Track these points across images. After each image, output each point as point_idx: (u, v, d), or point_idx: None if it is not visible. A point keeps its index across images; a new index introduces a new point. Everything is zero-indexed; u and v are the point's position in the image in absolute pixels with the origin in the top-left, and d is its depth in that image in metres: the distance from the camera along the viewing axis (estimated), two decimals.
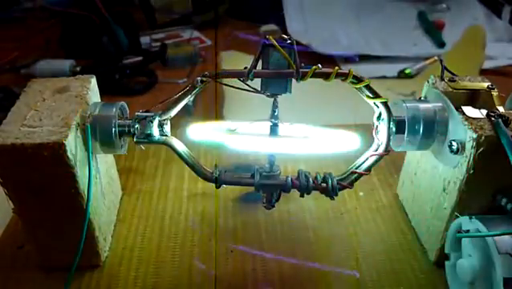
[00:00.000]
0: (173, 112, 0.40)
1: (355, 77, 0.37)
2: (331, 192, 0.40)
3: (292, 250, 0.45)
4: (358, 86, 0.38)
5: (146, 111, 0.40)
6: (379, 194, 0.52)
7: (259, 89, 0.38)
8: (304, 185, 0.40)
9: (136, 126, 0.39)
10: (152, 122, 0.39)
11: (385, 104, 0.39)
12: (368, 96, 0.39)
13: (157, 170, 0.55)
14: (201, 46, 0.89)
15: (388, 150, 0.40)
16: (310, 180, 0.40)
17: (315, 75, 0.37)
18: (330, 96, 0.66)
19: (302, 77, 0.36)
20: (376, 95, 0.39)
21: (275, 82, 0.37)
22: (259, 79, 0.37)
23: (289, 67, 0.36)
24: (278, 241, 0.46)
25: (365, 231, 0.47)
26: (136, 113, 0.40)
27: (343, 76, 0.37)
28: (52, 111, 0.37)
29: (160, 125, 0.40)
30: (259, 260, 0.43)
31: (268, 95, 0.38)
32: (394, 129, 0.40)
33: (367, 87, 0.38)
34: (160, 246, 0.45)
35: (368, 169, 0.41)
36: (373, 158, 0.41)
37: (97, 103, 0.41)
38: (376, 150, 0.41)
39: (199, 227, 0.47)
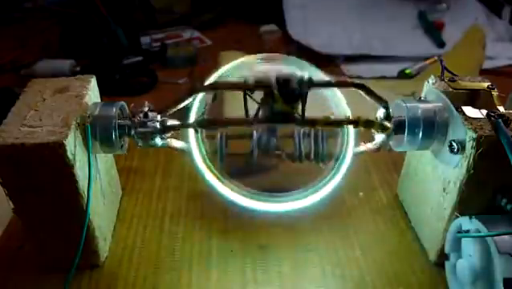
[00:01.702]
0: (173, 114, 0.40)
1: (381, 125, 0.37)
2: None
3: (292, 250, 0.45)
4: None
5: (145, 116, 0.39)
6: (379, 194, 0.52)
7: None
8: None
9: (138, 130, 0.39)
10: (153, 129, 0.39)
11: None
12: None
13: (157, 170, 0.55)
14: (201, 46, 0.89)
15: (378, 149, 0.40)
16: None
17: (329, 124, 0.36)
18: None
19: (311, 124, 0.35)
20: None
21: None
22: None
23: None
24: (278, 241, 0.46)
25: (365, 231, 0.47)
26: (137, 118, 0.39)
27: (370, 126, 0.37)
28: (52, 111, 0.37)
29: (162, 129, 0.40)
30: (259, 260, 0.43)
31: None
32: (394, 129, 0.40)
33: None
34: (160, 246, 0.45)
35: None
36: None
37: (97, 103, 0.41)
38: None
39: (199, 227, 0.47)
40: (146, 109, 0.39)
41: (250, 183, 0.42)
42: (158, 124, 0.39)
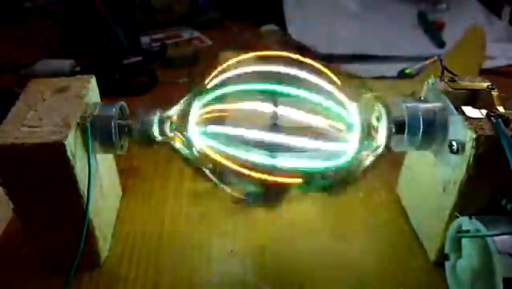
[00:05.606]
0: (173, 112, 0.40)
1: None
2: None
3: (292, 251, 0.45)
4: None
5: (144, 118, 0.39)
6: (379, 194, 0.52)
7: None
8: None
9: (137, 128, 0.39)
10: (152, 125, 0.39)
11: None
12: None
13: (157, 170, 0.55)
14: (200, 46, 0.89)
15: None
16: None
17: None
18: None
19: None
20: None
21: None
22: None
23: None
24: (278, 241, 0.46)
25: (365, 231, 0.47)
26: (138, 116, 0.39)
27: None
28: (52, 111, 0.37)
29: (161, 126, 0.40)
30: (259, 260, 0.44)
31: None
32: (394, 129, 0.40)
33: None
34: (160, 246, 0.45)
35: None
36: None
37: (97, 103, 0.41)
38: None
39: (199, 227, 0.47)
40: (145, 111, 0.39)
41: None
42: (157, 125, 0.39)
